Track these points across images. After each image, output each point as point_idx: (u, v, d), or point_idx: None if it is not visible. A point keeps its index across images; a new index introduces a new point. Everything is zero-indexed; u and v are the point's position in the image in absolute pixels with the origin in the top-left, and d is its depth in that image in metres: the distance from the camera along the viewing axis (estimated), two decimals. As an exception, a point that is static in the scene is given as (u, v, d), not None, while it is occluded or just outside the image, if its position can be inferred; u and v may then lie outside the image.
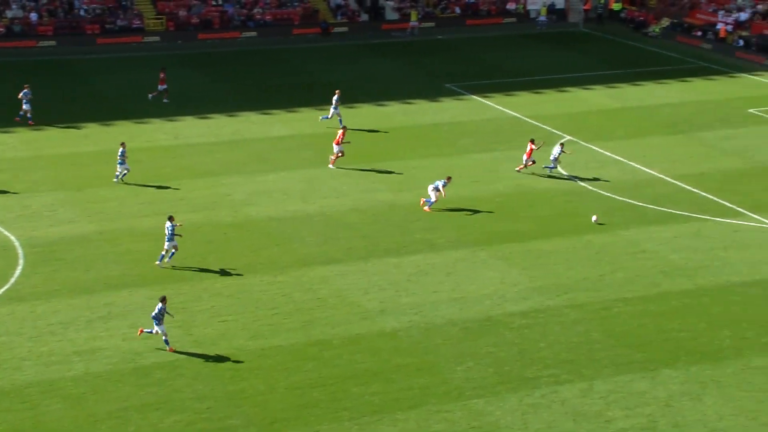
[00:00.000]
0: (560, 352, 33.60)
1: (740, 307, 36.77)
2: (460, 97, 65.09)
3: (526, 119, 60.02)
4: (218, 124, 58.15)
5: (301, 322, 35.25)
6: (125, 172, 47.81)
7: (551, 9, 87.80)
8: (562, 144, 49.69)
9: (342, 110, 57.06)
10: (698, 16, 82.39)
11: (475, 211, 45.55)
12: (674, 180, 49.57)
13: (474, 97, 64.96)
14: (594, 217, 43.85)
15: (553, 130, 57.62)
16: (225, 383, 31.46)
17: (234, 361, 32.59)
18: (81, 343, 33.58)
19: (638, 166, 51.29)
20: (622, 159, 52.46)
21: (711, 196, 47.34)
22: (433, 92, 65.89)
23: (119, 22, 79.33)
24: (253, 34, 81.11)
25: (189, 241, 41.15)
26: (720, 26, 78.57)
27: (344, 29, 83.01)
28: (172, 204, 45.34)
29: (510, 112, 61.62)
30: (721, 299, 37.35)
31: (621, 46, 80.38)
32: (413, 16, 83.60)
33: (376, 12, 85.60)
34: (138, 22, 79.78)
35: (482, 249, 41.51)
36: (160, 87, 61.73)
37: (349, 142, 50.79)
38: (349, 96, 62.27)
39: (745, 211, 45.46)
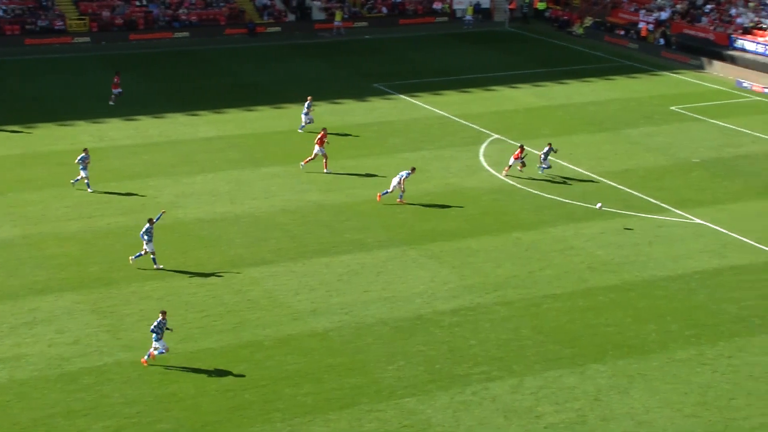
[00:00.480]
0: (491, 349, 33.83)
1: (665, 301, 37.36)
2: (389, 96, 65.22)
3: (455, 118, 60.35)
4: (145, 126, 57.55)
5: (231, 324, 35.03)
6: (85, 179, 46.57)
7: (477, 8, 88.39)
8: (549, 144, 49.95)
9: (269, 111, 56.80)
10: (621, 15, 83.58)
11: (405, 211, 45.67)
12: (600, 177, 50.19)
13: (402, 96, 65.13)
14: (599, 204, 44.55)
15: (481, 129, 58.00)
16: (154, 387, 31.13)
17: (164, 365, 32.26)
18: (5, 350, 32.97)
19: (565, 164, 51.84)
20: (549, 157, 52.91)
21: (636, 193, 48.03)
22: (361, 92, 65.94)
23: (40, 23, 78.07)
24: (185, 34, 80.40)
25: (117, 244, 40.67)
26: (642, 25, 79.78)
27: (277, 29, 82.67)
28: (98, 207, 44.78)
29: (438, 111, 61.90)
30: (646, 294, 37.91)
31: (546, 45, 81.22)
32: (338, 16, 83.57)
33: (303, 12, 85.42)
34: (60, 23, 78.60)
35: (412, 248, 41.64)
36: (114, 91, 60.77)
37: (328, 143, 50.59)
38: (277, 96, 61.95)
39: (669, 207, 46.21)
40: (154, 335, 32.06)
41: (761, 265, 40.22)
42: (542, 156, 49.72)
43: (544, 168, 49.61)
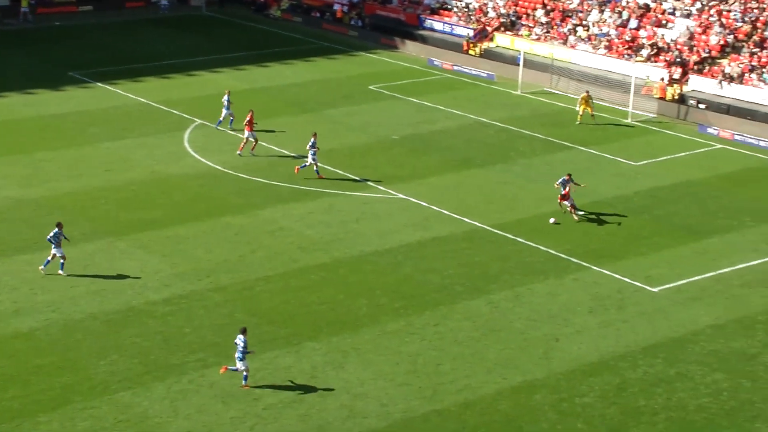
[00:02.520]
0: (206, 335, 33.66)
1: (374, 275, 38.47)
2: (86, 85, 63.24)
3: (156, 105, 59.34)
4: None
5: (-73, 332, 32.98)
6: None
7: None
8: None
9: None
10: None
11: (109, 202, 44.54)
12: (305, 158, 50.83)
13: (100, 84, 63.31)
14: (552, 220, 42.82)
15: (184, 115, 57.36)
16: None
17: None
18: None
19: (271, 146, 52.17)
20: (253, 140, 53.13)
21: (341, 171, 49.07)
22: (55, 81, 63.50)
23: None
24: None
25: None
26: (337, 7, 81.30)
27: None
28: None
29: (138, 98, 60.64)
30: (356, 269, 38.88)
31: (245, 28, 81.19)
32: (24, 2, 79.78)
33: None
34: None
35: (120, 239, 40.69)
36: None
37: (256, 124, 50.68)
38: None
39: (373, 184, 47.53)
40: (237, 357, 30.60)
41: (460, 234, 42.17)
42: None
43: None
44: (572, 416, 29.50)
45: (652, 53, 62.36)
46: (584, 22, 67.53)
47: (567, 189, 43.35)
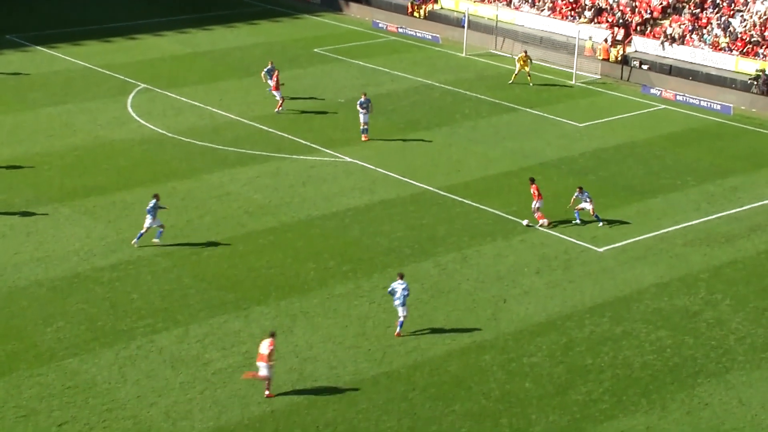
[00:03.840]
0: (154, 301, 33.49)
1: (321, 239, 38.44)
2: (24, 48, 62.18)
3: (98, 69, 58.54)
4: None
5: None
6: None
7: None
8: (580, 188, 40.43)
9: None
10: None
11: (53, 168, 43.98)
12: (251, 122, 50.59)
13: (39, 48, 62.29)
14: (525, 221, 39.95)
15: (127, 79, 56.68)
16: None
17: None
18: None
19: (216, 110, 51.78)
20: (198, 104, 52.71)
21: (287, 135, 48.83)
22: (-6, 45, 62.50)
23: None
24: None
25: None
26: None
27: None
28: None
29: (80, 62, 59.77)
30: (303, 233, 38.82)
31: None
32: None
33: None
34: None
35: (64, 205, 40.24)
36: None
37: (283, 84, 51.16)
38: None
39: (319, 147, 47.38)
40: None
41: (407, 197, 42.24)
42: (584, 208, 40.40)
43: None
44: (520, 376, 29.82)
45: (595, 15, 62.68)
46: (528, -16, 67.64)
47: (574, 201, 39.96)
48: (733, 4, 59.64)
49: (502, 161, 45.33)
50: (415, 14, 70.38)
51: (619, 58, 59.82)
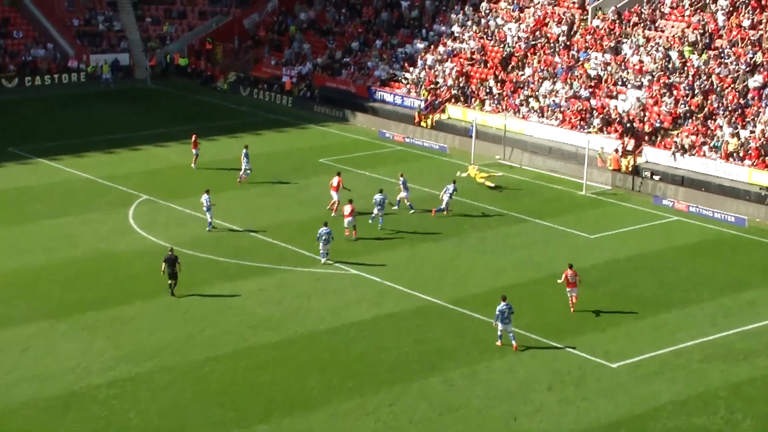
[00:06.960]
0: (152, 419, 32.27)
1: (326, 354, 37.29)
2: (26, 161, 61.98)
3: (100, 180, 58.11)
4: None
5: None
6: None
7: (116, 66, 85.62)
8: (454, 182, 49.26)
9: None
10: (264, 69, 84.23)
11: (52, 282, 43.10)
12: (253, 232, 49.82)
13: (41, 160, 62.02)
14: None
15: (130, 190, 56.15)
16: None
17: None
18: None
19: (218, 221, 51.02)
20: (201, 215, 52.01)
21: (291, 246, 48.00)
22: (-5, 158, 62.25)
23: None
24: None
25: None
26: (285, 79, 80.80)
27: None
28: None
29: (82, 173, 59.37)
30: (308, 348, 37.69)
31: (191, 101, 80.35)
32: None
33: None
34: None
35: (61, 320, 39.24)
36: None
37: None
38: None
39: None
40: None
41: (414, 310, 41.18)
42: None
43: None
44: (535, 501, 28.38)
45: (604, 124, 62.30)
46: (536, 94, 67.53)
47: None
48: (744, 116, 59.11)
49: (511, 272, 44.32)
50: (423, 124, 70.18)
51: (630, 169, 59.20)
